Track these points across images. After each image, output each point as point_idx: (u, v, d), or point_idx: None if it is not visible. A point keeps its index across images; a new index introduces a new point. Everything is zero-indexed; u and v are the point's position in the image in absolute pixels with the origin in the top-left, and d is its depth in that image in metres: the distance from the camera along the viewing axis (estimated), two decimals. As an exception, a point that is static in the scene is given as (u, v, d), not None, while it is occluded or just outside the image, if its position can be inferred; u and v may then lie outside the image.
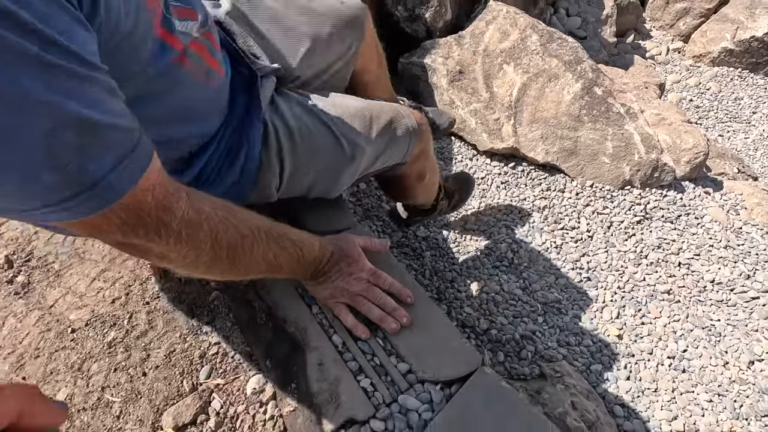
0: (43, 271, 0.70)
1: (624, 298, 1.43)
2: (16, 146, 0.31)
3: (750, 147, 2.46)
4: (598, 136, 1.69)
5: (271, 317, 0.63)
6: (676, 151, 1.76)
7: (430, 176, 1.04)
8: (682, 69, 2.95)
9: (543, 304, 1.38)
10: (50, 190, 0.34)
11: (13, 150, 0.31)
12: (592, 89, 1.71)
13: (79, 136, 0.33)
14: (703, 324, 1.38)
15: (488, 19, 1.88)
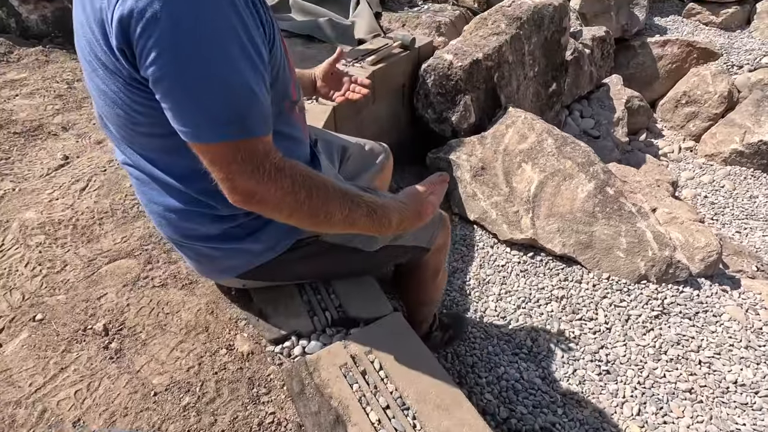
0: (133, 340, 0.83)
1: (645, 395, 1.44)
2: (209, 78, 0.51)
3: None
4: (612, 231, 1.81)
5: (318, 392, 0.74)
6: (689, 249, 1.85)
7: (441, 276, 1.18)
8: (695, 166, 3.11)
9: (563, 395, 1.41)
10: (217, 112, 0.52)
11: (204, 82, 0.50)
12: (604, 189, 1.86)
13: (246, 96, 0.53)
14: (728, 428, 1.37)
15: (508, 123, 2.12)
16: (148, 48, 0.48)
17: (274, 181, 0.57)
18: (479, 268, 1.86)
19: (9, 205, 1.14)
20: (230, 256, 0.77)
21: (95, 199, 1.19)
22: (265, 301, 0.90)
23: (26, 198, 1.18)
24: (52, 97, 1.63)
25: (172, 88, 0.51)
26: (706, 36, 3.66)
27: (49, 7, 2.12)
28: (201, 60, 0.50)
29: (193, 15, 0.48)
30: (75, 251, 1.03)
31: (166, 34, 0.48)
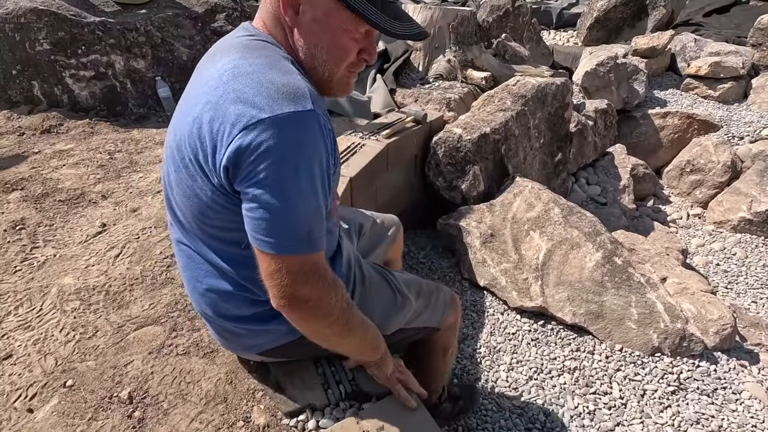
0: (155, 409, 0.87)
1: (665, 479, 1.39)
2: (298, 205, 0.63)
3: (787, 316, 2.45)
4: (622, 302, 1.82)
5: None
6: (702, 321, 1.84)
7: (451, 352, 1.23)
8: (704, 233, 3.12)
9: (578, 476, 1.36)
10: (297, 231, 0.63)
11: (294, 206, 0.62)
12: (612, 259, 1.90)
13: (316, 216, 0.65)
14: None
15: (516, 192, 2.21)
16: (256, 172, 0.61)
17: (333, 290, 0.68)
18: (490, 336, 1.86)
19: (50, 270, 1.24)
20: (256, 336, 0.83)
21: (128, 265, 1.28)
22: (282, 372, 0.94)
23: (65, 264, 1.27)
24: (94, 167, 1.79)
25: (267, 206, 0.61)
26: (705, 109, 3.83)
27: (98, 85, 2.37)
28: (296, 189, 0.62)
29: (297, 155, 0.61)
30: (106, 317, 1.09)
31: (274, 165, 0.60)
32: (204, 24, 2.67)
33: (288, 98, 0.61)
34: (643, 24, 5.02)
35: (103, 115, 2.34)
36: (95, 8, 2.38)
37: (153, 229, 1.43)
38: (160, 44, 2.48)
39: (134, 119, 2.38)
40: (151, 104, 2.47)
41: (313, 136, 0.62)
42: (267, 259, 0.64)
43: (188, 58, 2.57)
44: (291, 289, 0.64)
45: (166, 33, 2.50)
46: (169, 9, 2.58)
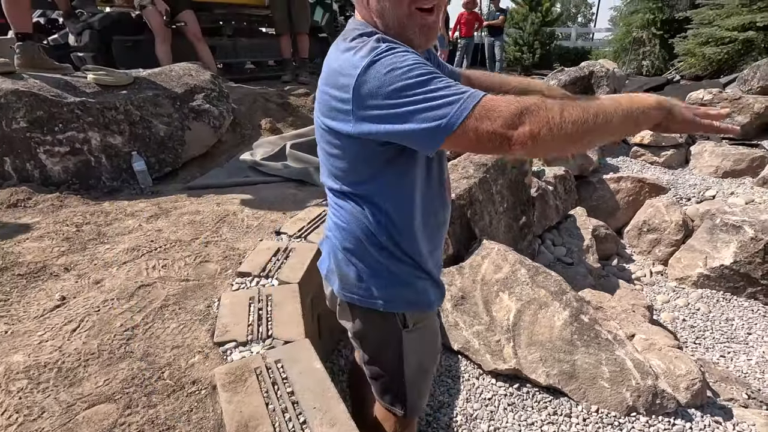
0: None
1: None
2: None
3: (756, 369, 2.49)
4: (593, 360, 1.83)
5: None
6: (672, 376, 1.86)
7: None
8: (668, 290, 3.24)
9: None
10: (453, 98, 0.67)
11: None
12: (579, 316, 1.94)
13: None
14: None
15: (483, 254, 2.28)
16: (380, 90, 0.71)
17: (522, 114, 0.64)
18: (466, 402, 1.82)
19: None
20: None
21: (84, 339, 1.23)
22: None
23: (17, 340, 1.21)
24: (60, 240, 1.77)
25: (417, 110, 0.68)
26: (653, 173, 4.16)
27: (72, 160, 2.41)
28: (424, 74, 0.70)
29: (401, 58, 0.72)
30: (56, 396, 1.03)
31: (396, 71, 0.70)
32: (182, 103, 2.81)
33: (369, 50, 0.73)
34: (591, 100, 5.56)
35: (75, 189, 2.35)
36: (76, 89, 2.50)
37: (115, 301, 1.40)
38: (139, 121, 2.59)
39: (106, 192, 2.40)
40: (125, 177, 2.51)
41: (401, 54, 0.73)
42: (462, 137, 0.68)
43: (165, 134, 2.67)
44: (484, 128, 0.65)
45: (145, 111, 2.62)
46: (150, 90, 2.72)
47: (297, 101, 3.81)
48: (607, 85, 5.47)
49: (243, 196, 2.29)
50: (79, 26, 3.74)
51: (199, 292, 1.48)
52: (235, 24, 5.10)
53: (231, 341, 1.23)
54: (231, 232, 1.91)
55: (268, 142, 2.92)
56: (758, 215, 3.22)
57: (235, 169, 2.65)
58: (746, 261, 3.04)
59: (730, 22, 6.41)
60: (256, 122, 3.29)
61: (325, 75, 0.81)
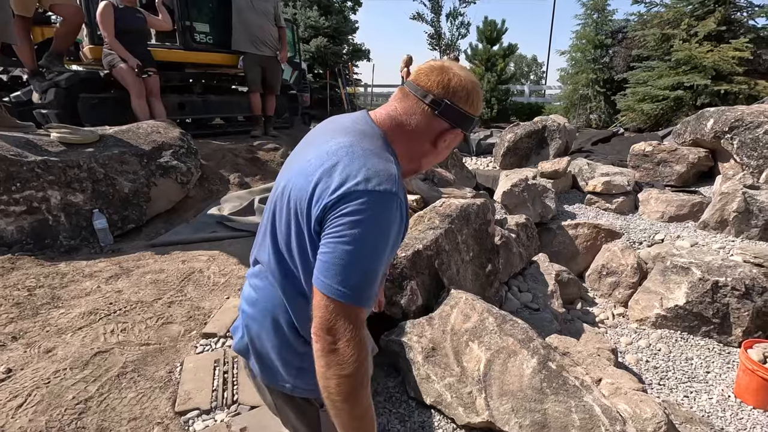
0: None
1: None
2: (366, 266, 0.77)
3: (717, 408, 2.57)
4: (563, 408, 1.84)
5: None
6: (638, 421, 1.89)
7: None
8: (630, 331, 3.35)
9: None
10: (356, 284, 0.75)
11: (361, 265, 0.76)
12: (546, 364, 1.97)
13: (373, 277, 0.77)
14: None
15: (452, 304, 2.32)
16: (341, 226, 0.76)
17: (359, 348, 0.76)
18: (441, 461, 1.76)
19: (-69, 431, 1.07)
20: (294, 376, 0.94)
21: (31, 416, 1.14)
22: None
23: (-47, 421, 1.11)
24: (8, 306, 1.67)
25: (337, 255, 0.75)
26: (607, 219, 4.43)
27: (28, 219, 2.33)
28: (366, 250, 0.76)
29: (376, 224, 0.76)
30: (-6, 484, 0.94)
31: (358, 226, 0.75)
32: (150, 160, 2.81)
33: (382, 180, 0.78)
34: (546, 151, 5.97)
35: (29, 249, 2.25)
36: (38, 148, 2.46)
37: (68, 371, 1.32)
38: (102, 179, 2.56)
39: (63, 251, 2.31)
40: (84, 236, 2.43)
41: (392, 212, 0.78)
42: (320, 296, 0.77)
43: (130, 191, 2.64)
44: (329, 324, 0.75)
45: (110, 169, 2.60)
46: (116, 147, 2.72)
47: (266, 156, 3.88)
48: (560, 138, 5.90)
49: (210, 253, 2.26)
50: (45, 84, 3.74)
51: (161, 356, 1.42)
52: (205, 82, 5.24)
53: (193, 409, 1.17)
54: (196, 290, 1.87)
55: (236, 196, 2.93)
56: (703, 257, 3.46)
57: (203, 224, 2.63)
58: (697, 301, 3.22)
59: (662, 83, 7.18)
60: (225, 177, 3.31)
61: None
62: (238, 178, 3.22)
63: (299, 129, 6.03)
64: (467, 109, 0.90)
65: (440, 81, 0.88)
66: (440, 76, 0.88)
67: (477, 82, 0.92)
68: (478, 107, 0.93)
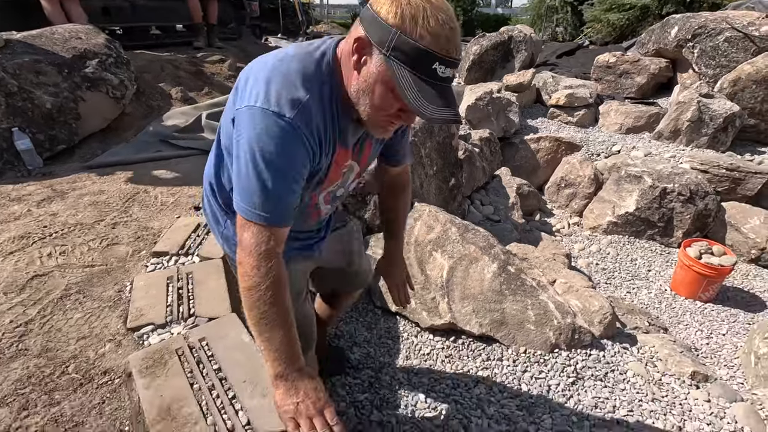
0: None
1: (577, 467, 1.46)
2: (264, 187, 0.76)
3: (654, 300, 2.84)
4: (520, 306, 1.95)
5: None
6: (587, 313, 2.04)
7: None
8: (583, 239, 3.55)
9: (500, 483, 1.38)
10: (257, 204, 0.77)
11: (260, 186, 0.76)
12: (506, 268, 2.05)
13: (277, 201, 0.77)
14: (654, 486, 1.42)
15: (416, 216, 2.31)
16: (237, 142, 0.77)
17: (263, 264, 0.77)
18: (406, 360, 1.86)
19: None
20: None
21: (-37, 342, 1.05)
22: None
23: None
24: None
25: (237, 174, 0.78)
26: (568, 132, 4.46)
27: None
28: (263, 172, 0.75)
29: (271, 147, 0.74)
30: (-73, 410, 0.88)
31: (247, 147, 0.75)
32: (72, 70, 2.46)
33: (275, 102, 0.74)
34: (512, 65, 5.77)
35: (-59, 175, 1.99)
36: (-72, 55, 2.07)
37: (2, 296, 1.22)
38: (17, 92, 2.22)
39: (-15, 176, 2.06)
40: (7, 158, 2.16)
41: (282, 137, 0.74)
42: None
43: (53, 107, 2.33)
44: (239, 237, 0.80)
45: (24, 80, 2.25)
46: (27, 55, 2.34)
47: (211, 68, 3.51)
48: (525, 49, 5.68)
49: (156, 172, 2.08)
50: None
51: (108, 277, 1.33)
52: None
53: (147, 324, 1.12)
54: (143, 210, 1.74)
55: (180, 112, 2.67)
56: (655, 165, 3.59)
57: (144, 143, 2.40)
58: (646, 207, 3.40)
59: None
60: (166, 92, 2.98)
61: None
62: (181, 93, 2.91)
63: (248, 41, 5.46)
64: (394, 21, 0.69)
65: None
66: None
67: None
68: (428, 28, 0.68)
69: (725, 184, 3.51)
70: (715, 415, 1.68)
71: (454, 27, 0.71)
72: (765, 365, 2.06)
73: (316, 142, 0.79)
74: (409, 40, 0.69)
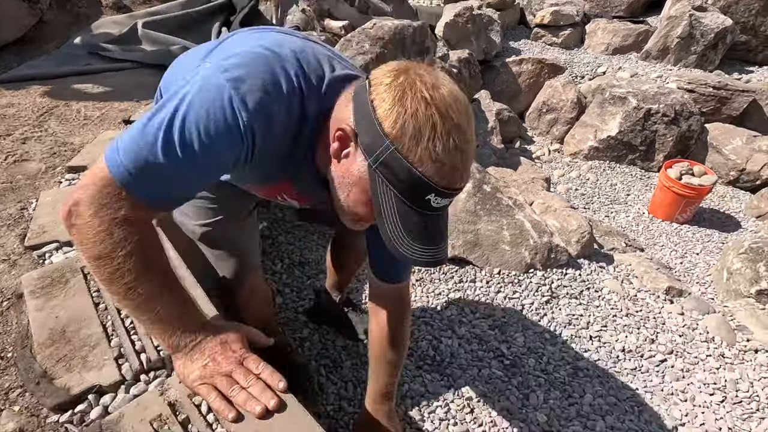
0: None
1: (548, 381, 1.42)
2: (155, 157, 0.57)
3: (632, 223, 2.79)
4: (495, 227, 1.84)
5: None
6: (565, 233, 1.95)
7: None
8: (564, 165, 3.43)
9: (469, 400, 1.33)
10: (123, 152, 0.56)
11: (150, 152, 0.57)
12: (481, 187, 1.91)
13: (151, 168, 0.57)
14: (624, 396, 1.39)
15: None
16: (162, 102, 0.60)
17: (110, 225, 0.56)
18: (374, 285, 1.76)
19: None
20: None
21: None
22: (54, 358, 0.68)
23: None
24: None
25: (145, 124, 0.58)
26: (552, 54, 4.18)
27: None
28: (166, 138, 0.56)
29: (196, 121, 0.57)
30: None
31: (173, 102, 0.58)
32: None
33: (249, 98, 0.58)
34: (495, -16, 5.29)
35: None
36: None
37: None
38: None
39: None
40: None
41: (224, 132, 0.58)
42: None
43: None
44: (87, 180, 0.58)
45: None
46: None
47: (152, -25, 3.04)
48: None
49: (81, 86, 1.80)
50: None
51: (11, 195, 1.13)
52: None
53: (51, 242, 0.94)
54: (62, 125, 1.49)
55: (112, 22, 2.31)
56: (640, 86, 3.41)
57: (69, 56, 2.07)
58: (629, 130, 3.27)
59: None
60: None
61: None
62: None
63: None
64: (391, 130, 0.56)
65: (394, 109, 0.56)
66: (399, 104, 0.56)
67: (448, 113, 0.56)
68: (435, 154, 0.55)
69: (711, 104, 3.38)
70: (687, 327, 1.65)
71: (467, 151, 0.57)
72: (736, 280, 2.04)
73: (253, 157, 0.63)
74: (404, 162, 0.55)
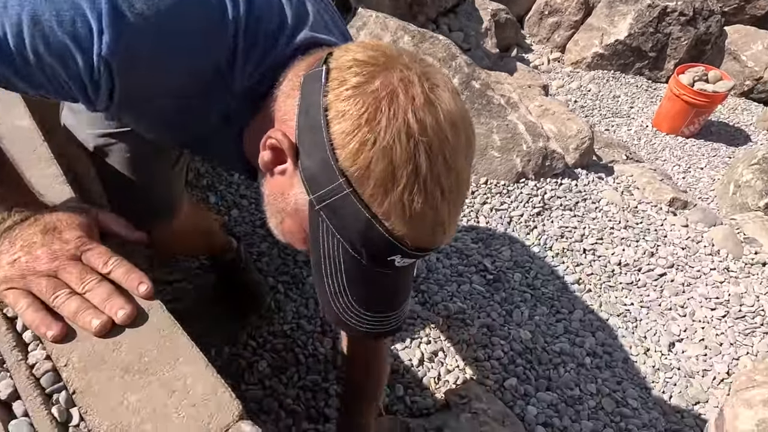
0: None
1: (534, 296, 1.28)
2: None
3: (633, 137, 2.57)
4: (484, 130, 1.59)
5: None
6: (563, 138, 1.72)
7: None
8: (563, 75, 3.10)
9: (446, 317, 1.18)
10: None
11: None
12: (470, 83, 1.63)
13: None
14: (617, 311, 1.26)
15: (359, 26, 1.78)
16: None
17: None
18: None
19: None
20: None
21: None
22: None
23: None
24: None
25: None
26: (560, -55, 3.64)
27: None
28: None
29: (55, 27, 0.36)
30: None
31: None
32: None
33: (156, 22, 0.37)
34: None
35: None
36: None
37: None
38: None
39: None
40: None
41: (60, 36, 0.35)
42: None
43: None
44: None
45: None
46: None
47: None
48: None
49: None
50: None
51: None
52: None
53: None
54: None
55: None
56: (658, -19, 2.98)
57: None
58: (639, 32, 2.91)
59: None
60: None
61: None
62: None
63: None
64: (349, 165, 0.35)
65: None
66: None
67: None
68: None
69: (734, 1, 2.99)
70: (691, 240, 1.49)
71: (459, 197, 0.39)
72: (744, 193, 1.88)
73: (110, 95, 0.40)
74: (363, 213, 0.36)
